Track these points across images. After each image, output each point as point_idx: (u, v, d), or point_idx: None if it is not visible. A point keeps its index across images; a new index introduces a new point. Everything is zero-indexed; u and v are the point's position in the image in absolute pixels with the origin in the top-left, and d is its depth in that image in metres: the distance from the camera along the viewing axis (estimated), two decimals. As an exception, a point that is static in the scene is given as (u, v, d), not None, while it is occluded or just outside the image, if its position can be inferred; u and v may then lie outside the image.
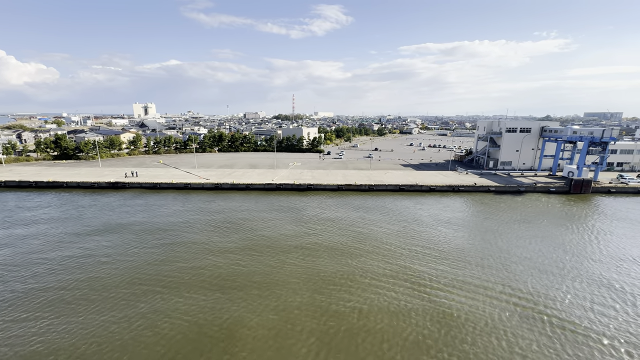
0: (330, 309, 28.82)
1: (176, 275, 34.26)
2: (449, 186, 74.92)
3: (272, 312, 28.35)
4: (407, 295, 31.04)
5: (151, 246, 41.70)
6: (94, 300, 29.75)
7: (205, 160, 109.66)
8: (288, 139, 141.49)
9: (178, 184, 73.66)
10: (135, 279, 33.42)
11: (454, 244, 43.67)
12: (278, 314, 28.12)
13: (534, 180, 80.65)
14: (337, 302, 29.73)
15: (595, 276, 35.26)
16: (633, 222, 53.73)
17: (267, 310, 28.49)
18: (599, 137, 76.83)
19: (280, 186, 74.48)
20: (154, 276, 34.10)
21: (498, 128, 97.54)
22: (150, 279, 33.50)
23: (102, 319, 27.06)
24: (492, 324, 27.01)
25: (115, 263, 36.95)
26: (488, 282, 33.65)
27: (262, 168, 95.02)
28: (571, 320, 27.62)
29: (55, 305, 28.94)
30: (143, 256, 38.77)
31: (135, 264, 36.65)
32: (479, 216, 57.43)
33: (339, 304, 29.54)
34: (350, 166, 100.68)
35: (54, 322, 26.75)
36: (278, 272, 35.28)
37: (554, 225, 51.64)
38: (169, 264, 36.72)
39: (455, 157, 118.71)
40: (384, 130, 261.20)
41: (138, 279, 33.54)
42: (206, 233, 46.36)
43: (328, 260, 38.09)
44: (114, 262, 37.13)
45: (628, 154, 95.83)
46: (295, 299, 30.23)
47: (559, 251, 41.64)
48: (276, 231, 47.49)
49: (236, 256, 38.99)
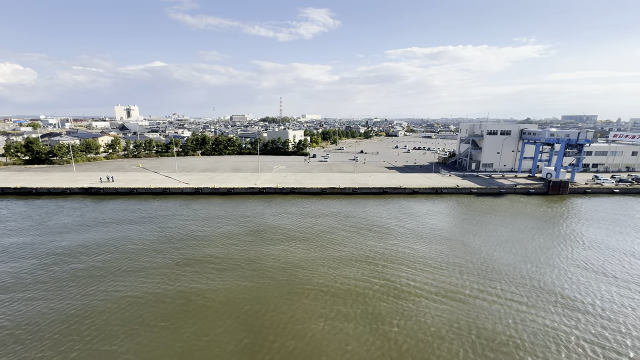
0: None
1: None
2: (432, 188, 75.29)
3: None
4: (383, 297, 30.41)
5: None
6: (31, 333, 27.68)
7: (187, 164, 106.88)
8: (273, 142, 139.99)
9: (156, 189, 71.12)
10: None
11: (429, 255, 43.41)
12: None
13: (514, 182, 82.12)
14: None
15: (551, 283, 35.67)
16: (607, 222, 55.12)
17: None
18: (575, 139, 79.04)
19: (263, 190, 73.04)
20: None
21: (480, 131, 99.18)
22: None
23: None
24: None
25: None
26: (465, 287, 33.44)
27: (245, 172, 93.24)
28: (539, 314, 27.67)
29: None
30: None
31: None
32: (460, 219, 57.69)
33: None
34: (335, 169, 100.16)
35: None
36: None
37: (530, 228, 52.33)
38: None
39: (439, 160, 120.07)
40: (370, 132, 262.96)
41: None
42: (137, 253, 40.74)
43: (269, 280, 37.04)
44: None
45: (602, 155, 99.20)
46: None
47: (528, 255, 42.03)
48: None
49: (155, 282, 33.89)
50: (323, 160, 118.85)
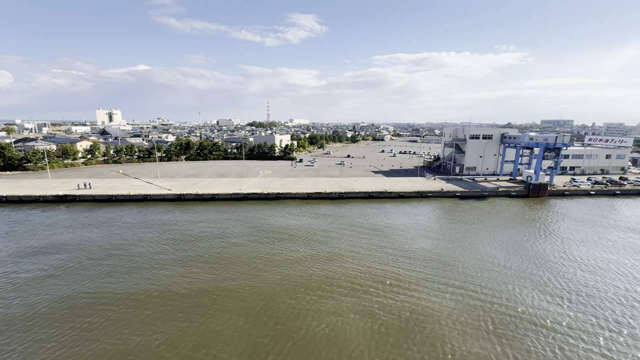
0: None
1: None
2: (417, 192, 75.95)
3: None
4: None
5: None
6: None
7: (170, 169, 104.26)
8: (259, 147, 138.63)
9: (136, 196, 68.79)
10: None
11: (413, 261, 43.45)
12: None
13: (497, 185, 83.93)
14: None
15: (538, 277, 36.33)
16: (585, 223, 56.81)
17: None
18: (553, 143, 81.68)
19: (247, 196, 71.83)
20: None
21: (463, 135, 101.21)
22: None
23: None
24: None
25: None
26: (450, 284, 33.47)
27: (230, 177, 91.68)
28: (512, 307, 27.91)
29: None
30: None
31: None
32: (444, 223, 58.23)
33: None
34: (321, 174, 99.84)
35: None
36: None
37: (512, 230, 53.33)
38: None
39: (424, 163, 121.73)
40: (357, 137, 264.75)
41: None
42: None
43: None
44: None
45: (579, 158, 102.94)
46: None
47: (510, 253, 42.71)
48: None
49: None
50: (310, 165, 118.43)
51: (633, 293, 33.56)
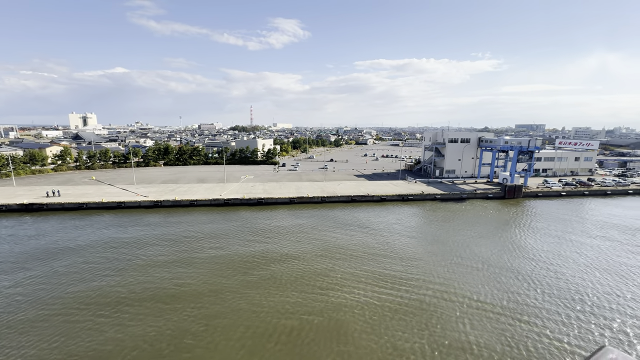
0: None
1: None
2: (399, 195, 76.83)
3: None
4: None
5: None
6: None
7: (147, 175, 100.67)
8: (241, 151, 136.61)
9: (109, 204, 65.73)
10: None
11: (393, 266, 43.67)
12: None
13: (475, 187, 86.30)
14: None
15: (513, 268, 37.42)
16: (557, 222, 59.23)
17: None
18: (526, 146, 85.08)
19: (228, 201, 70.25)
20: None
21: (442, 139, 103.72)
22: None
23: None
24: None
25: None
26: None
27: (211, 182, 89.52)
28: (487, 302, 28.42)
29: None
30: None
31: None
32: (424, 225, 59.06)
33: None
34: (304, 178, 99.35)
35: None
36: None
37: (490, 230, 54.81)
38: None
39: (406, 167, 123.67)
40: (340, 141, 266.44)
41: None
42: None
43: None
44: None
45: (550, 161, 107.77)
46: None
47: (485, 251, 43.82)
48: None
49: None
50: (293, 169, 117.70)
51: (589, 282, 35.04)
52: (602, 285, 35.96)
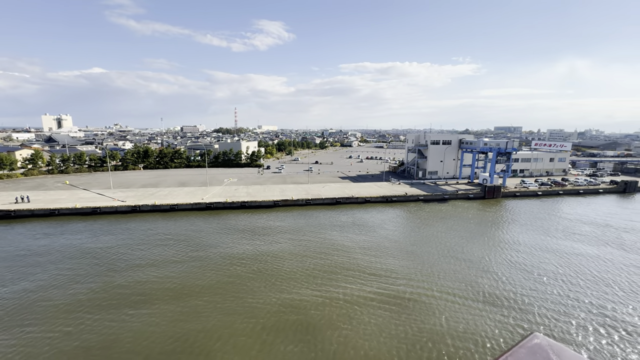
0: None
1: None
2: (382, 197, 77.46)
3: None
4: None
5: None
6: None
7: (125, 179, 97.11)
8: (225, 154, 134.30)
9: (84, 209, 62.81)
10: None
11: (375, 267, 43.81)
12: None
13: (456, 188, 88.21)
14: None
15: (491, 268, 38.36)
16: (533, 220, 61.29)
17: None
18: (504, 148, 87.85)
19: (210, 205, 68.64)
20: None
21: (424, 141, 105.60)
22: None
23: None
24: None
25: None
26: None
27: (192, 186, 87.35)
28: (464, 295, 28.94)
29: None
30: None
31: None
32: (409, 227, 59.68)
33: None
34: (289, 180, 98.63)
35: None
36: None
37: (471, 230, 56.04)
38: None
39: (390, 168, 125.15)
40: (325, 143, 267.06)
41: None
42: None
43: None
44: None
45: (527, 162, 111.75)
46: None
47: (468, 251, 44.75)
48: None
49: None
50: (277, 172, 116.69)
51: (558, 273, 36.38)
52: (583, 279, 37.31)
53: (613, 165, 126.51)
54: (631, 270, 40.42)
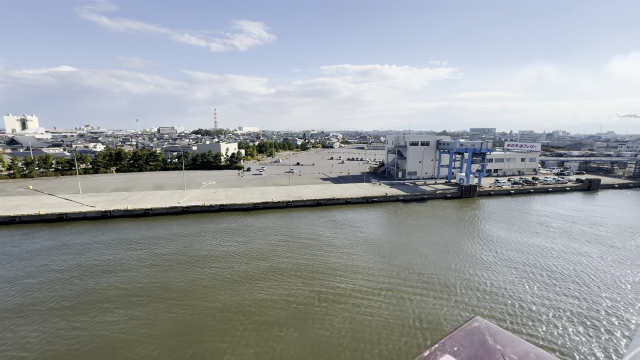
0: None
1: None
2: (363, 198, 77.94)
3: None
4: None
5: None
6: None
7: (96, 183, 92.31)
8: (203, 156, 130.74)
9: (48, 216, 58.90)
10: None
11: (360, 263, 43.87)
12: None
13: (435, 188, 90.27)
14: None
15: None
16: (507, 217, 63.65)
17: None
18: (479, 148, 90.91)
19: (187, 209, 66.40)
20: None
21: (404, 142, 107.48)
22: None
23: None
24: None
25: None
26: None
27: (169, 189, 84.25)
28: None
29: None
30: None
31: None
32: (389, 227, 60.24)
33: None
34: (269, 182, 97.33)
35: None
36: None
37: (446, 228, 57.37)
38: None
39: (370, 169, 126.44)
40: (307, 144, 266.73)
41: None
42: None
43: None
44: None
45: (500, 162, 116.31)
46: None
47: (445, 248, 45.77)
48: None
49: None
50: (258, 174, 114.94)
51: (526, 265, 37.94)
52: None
53: (578, 165, 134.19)
54: (581, 260, 42.67)
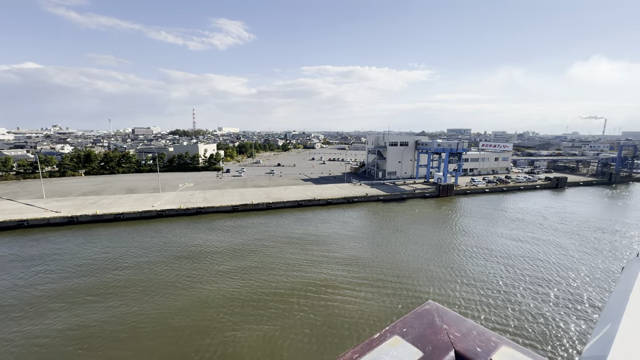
0: None
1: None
2: (344, 198, 78.03)
3: None
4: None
5: None
6: None
7: (62, 187, 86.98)
8: (180, 157, 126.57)
9: (6, 223, 54.64)
10: None
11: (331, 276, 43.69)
12: None
13: (414, 188, 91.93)
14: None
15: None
16: (483, 215, 65.71)
17: None
18: (456, 148, 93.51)
19: (162, 213, 63.76)
20: None
21: (383, 142, 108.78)
22: None
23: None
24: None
25: None
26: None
27: (142, 192, 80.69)
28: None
29: None
30: None
31: None
32: (367, 226, 60.57)
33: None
34: (249, 184, 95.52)
35: None
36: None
37: (427, 225, 58.43)
38: None
39: (351, 170, 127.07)
40: (288, 145, 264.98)
41: None
42: None
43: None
44: None
45: (476, 161, 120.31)
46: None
47: (426, 246, 46.54)
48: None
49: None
50: (237, 175, 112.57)
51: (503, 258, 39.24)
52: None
53: (547, 164, 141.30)
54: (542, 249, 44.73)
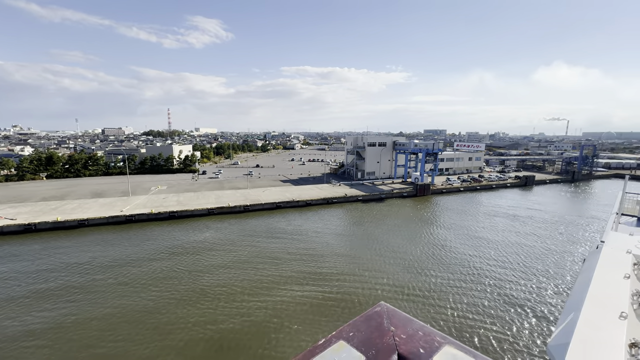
0: None
1: None
2: (323, 199, 77.58)
3: None
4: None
5: None
6: None
7: (20, 191, 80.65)
8: (153, 159, 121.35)
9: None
10: None
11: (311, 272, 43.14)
12: None
13: (392, 187, 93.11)
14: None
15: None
16: (458, 212, 67.49)
17: None
18: (432, 149, 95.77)
19: (131, 218, 60.42)
20: None
21: (362, 143, 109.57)
22: None
23: None
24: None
25: None
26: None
27: (110, 196, 76.32)
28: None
29: None
30: None
31: None
32: (347, 226, 60.47)
33: None
34: (227, 186, 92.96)
35: None
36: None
37: (405, 223, 59.15)
38: None
39: (331, 170, 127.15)
40: (267, 146, 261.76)
41: None
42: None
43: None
44: None
45: (451, 161, 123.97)
46: None
47: (408, 241, 47.00)
48: None
49: None
50: (214, 177, 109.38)
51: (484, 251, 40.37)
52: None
53: (516, 163, 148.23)
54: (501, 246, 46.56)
